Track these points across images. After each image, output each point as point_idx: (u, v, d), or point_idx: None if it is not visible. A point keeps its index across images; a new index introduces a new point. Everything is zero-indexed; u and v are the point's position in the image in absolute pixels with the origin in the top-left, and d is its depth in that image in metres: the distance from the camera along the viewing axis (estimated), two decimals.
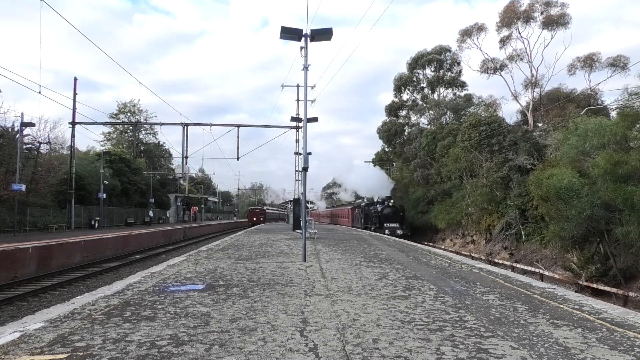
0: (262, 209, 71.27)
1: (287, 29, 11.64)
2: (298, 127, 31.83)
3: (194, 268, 10.34)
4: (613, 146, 19.44)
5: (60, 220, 30.21)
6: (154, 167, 59.12)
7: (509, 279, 9.00)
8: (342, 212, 56.42)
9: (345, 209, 55.43)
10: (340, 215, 58.51)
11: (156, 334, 4.72)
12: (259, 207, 76.17)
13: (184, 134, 31.05)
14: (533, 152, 29.75)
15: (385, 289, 7.53)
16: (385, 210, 36.17)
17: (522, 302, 6.54)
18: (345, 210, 54.79)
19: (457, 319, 5.49)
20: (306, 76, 12.49)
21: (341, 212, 58.05)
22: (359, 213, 44.10)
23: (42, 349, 4.24)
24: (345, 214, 53.41)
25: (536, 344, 4.46)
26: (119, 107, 60.04)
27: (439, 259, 12.75)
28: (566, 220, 19.72)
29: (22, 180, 25.21)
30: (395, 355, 4.07)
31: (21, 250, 15.84)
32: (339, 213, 59.59)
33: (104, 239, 22.67)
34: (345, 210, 54.09)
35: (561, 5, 36.78)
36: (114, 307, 6.08)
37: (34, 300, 12.39)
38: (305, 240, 12.18)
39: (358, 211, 45.02)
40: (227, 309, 5.96)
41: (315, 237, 21.22)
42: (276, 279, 8.57)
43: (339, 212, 59.69)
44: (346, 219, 52.16)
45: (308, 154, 12.42)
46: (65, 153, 35.83)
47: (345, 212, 53.77)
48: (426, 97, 48.94)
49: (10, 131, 28.09)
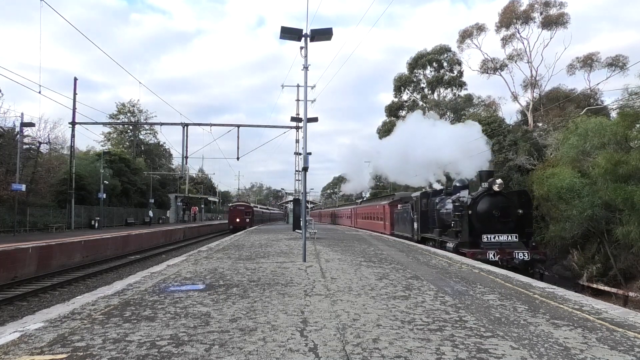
0: (247, 205, 52.26)
1: (287, 29, 11.64)
2: (298, 127, 31.82)
3: (194, 268, 10.34)
4: (613, 146, 19.45)
5: (60, 220, 30.20)
6: (154, 167, 59.10)
7: (509, 279, 8.99)
8: (370, 212, 37.34)
9: (376, 206, 35.44)
10: (364, 215, 39.99)
11: (156, 334, 4.72)
12: (244, 203, 54.98)
13: (184, 134, 31.05)
14: (533, 152, 29.76)
15: (385, 289, 7.53)
16: (485, 201, 15.16)
17: (522, 302, 6.53)
18: (376, 208, 35.02)
19: (457, 319, 5.49)
20: (306, 76, 12.50)
21: (366, 212, 39.47)
22: (408, 212, 23.83)
23: (42, 349, 4.24)
24: (377, 213, 34.37)
25: (536, 344, 4.46)
26: (119, 108, 60.03)
27: (439, 259, 12.74)
28: (567, 220, 19.73)
29: (22, 180, 25.21)
30: (395, 355, 4.07)
31: (21, 250, 15.83)
32: (368, 212, 38.81)
33: (104, 239, 22.67)
34: (378, 209, 34.16)
35: (559, 5, 36.85)
36: (114, 307, 6.07)
37: (34, 300, 12.38)
38: (305, 240, 12.18)
39: (405, 208, 24.90)
40: (227, 309, 5.96)
41: (315, 237, 21.22)
42: (276, 279, 8.57)
43: (368, 211, 38.93)
44: (378, 222, 33.10)
45: (308, 154, 12.43)
46: (65, 153, 35.82)
47: (377, 210, 34.17)
48: (426, 97, 48.98)
49: (10, 131, 28.09)
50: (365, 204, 44.02)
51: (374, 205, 36.68)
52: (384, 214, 31.32)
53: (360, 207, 44.41)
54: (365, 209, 40.88)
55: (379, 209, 33.38)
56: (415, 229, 21.81)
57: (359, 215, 43.05)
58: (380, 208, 32.89)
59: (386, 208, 30.69)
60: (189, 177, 63.95)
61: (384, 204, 31.59)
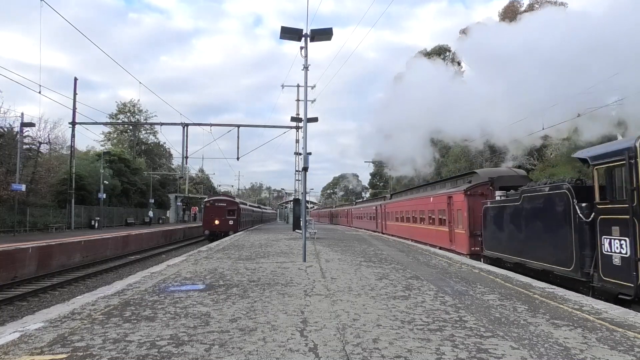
0: (232, 200, 35.54)
1: (287, 29, 11.65)
2: (298, 127, 31.83)
3: (194, 268, 10.34)
4: None
5: (60, 220, 30.21)
6: (154, 167, 59.14)
7: (509, 279, 8.99)
8: (418, 208, 22.78)
9: (429, 199, 20.92)
10: (402, 215, 26.20)
11: (156, 334, 4.72)
12: (226, 198, 37.23)
13: (184, 134, 31.05)
14: (533, 152, 29.78)
15: (385, 289, 7.53)
16: None
17: (522, 302, 6.54)
18: (430, 203, 20.60)
19: (457, 319, 5.49)
20: (306, 76, 12.52)
21: (408, 208, 24.96)
22: (552, 210, 9.46)
23: (42, 349, 4.24)
24: (433, 211, 20.16)
25: (536, 344, 4.46)
26: (119, 107, 60.14)
27: (439, 259, 12.74)
28: None
29: (22, 180, 25.23)
30: (395, 355, 4.07)
31: (21, 250, 15.83)
32: (410, 210, 24.33)
33: (104, 239, 22.67)
34: (436, 202, 19.69)
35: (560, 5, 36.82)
36: (114, 307, 6.07)
37: (34, 300, 12.38)
38: (305, 240, 12.19)
39: (540, 200, 10.09)
40: (227, 309, 5.96)
41: (315, 237, 21.23)
42: (276, 279, 8.57)
43: (410, 206, 24.39)
44: (436, 230, 19.55)
45: (308, 154, 12.45)
46: (65, 153, 35.81)
47: (435, 205, 19.81)
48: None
49: (10, 131, 28.09)
50: (399, 198, 28.80)
51: (424, 198, 21.80)
52: (450, 212, 17.50)
53: (393, 203, 29.38)
54: (404, 203, 25.77)
55: (439, 202, 18.94)
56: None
57: (392, 214, 28.87)
58: (443, 200, 18.27)
59: (458, 201, 16.56)
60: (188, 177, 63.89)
61: (453, 193, 17.26)
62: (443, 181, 22.23)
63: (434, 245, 18.58)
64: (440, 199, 18.73)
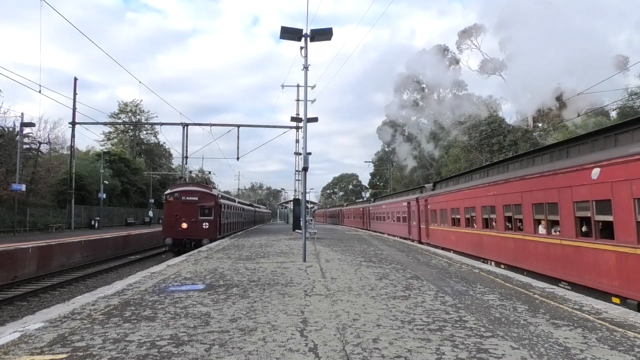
0: (207, 192, 22.59)
1: (287, 29, 11.65)
2: (298, 127, 31.82)
3: (194, 268, 10.34)
4: None
5: (60, 220, 30.22)
6: (154, 167, 59.13)
7: (509, 279, 8.99)
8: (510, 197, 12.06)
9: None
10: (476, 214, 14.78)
11: (156, 334, 4.72)
12: (199, 189, 22.76)
13: (184, 134, 31.05)
14: None
15: (385, 289, 7.52)
16: None
17: (522, 302, 6.53)
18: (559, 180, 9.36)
19: (457, 319, 5.49)
20: (306, 76, 12.51)
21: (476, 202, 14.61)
22: None
23: (42, 349, 4.24)
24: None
25: (536, 344, 4.45)
26: (120, 107, 60.23)
27: (439, 259, 12.74)
28: None
29: (22, 180, 25.23)
30: (395, 355, 4.07)
31: (21, 250, 15.84)
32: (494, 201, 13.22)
33: (104, 239, 22.66)
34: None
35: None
36: (114, 307, 6.07)
37: (34, 300, 12.39)
38: (305, 240, 12.18)
39: None
40: (227, 309, 5.96)
41: (315, 237, 21.23)
42: (276, 279, 8.57)
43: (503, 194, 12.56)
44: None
45: (308, 154, 12.45)
46: (65, 153, 35.84)
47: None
48: (426, 97, 49.03)
49: (10, 131, 28.10)
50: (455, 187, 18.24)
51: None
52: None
53: (442, 195, 19.25)
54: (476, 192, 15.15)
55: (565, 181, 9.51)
56: None
57: (443, 214, 18.88)
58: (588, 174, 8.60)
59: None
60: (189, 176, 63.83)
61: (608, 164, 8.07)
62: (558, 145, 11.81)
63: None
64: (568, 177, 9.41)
